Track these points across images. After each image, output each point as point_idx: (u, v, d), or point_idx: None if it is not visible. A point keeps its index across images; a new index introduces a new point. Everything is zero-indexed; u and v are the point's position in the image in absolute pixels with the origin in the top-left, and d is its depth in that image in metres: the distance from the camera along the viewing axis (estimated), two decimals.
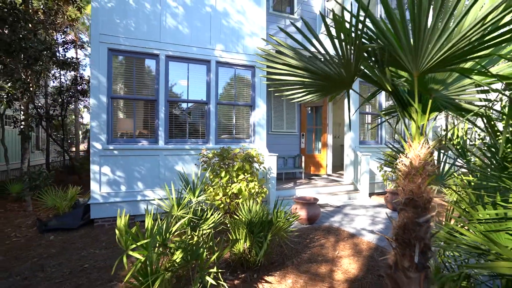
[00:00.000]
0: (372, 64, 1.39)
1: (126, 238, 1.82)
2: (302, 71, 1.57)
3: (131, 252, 1.81)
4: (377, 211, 5.05)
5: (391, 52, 1.18)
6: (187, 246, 2.00)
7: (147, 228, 1.95)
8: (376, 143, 7.07)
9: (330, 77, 1.50)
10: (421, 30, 1.00)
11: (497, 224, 1.28)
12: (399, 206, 1.37)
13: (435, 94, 1.29)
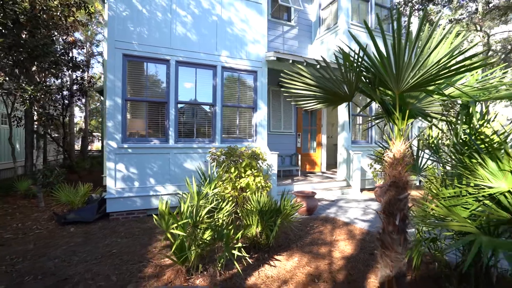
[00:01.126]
0: (367, 84, 1.84)
1: (168, 219, 2.22)
2: (315, 88, 2.01)
3: (172, 230, 2.22)
4: (368, 204, 5.58)
5: (380, 78, 1.64)
6: (215, 227, 2.43)
7: (183, 211, 2.36)
8: (366, 143, 7.62)
9: (336, 93, 1.96)
10: (400, 65, 1.46)
11: (455, 200, 1.76)
12: (385, 187, 1.84)
13: (411, 107, 1.76)
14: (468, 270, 2.07)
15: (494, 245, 1.48)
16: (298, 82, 2.04)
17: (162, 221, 2.31)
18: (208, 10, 5.43)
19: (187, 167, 5.20)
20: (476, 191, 1.71)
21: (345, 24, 7.08)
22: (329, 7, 7.96)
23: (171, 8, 5.11)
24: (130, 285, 2.45)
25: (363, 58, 1.68)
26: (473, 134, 1.89)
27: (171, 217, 2.26)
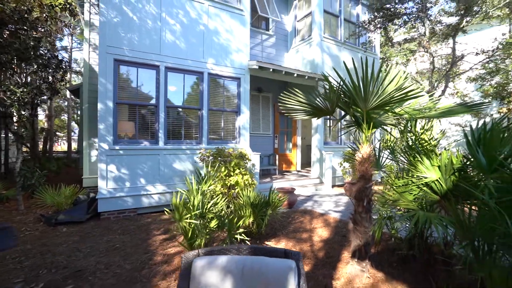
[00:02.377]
0: (343, 103, 2.45)
1: (182, 210, 2.63)
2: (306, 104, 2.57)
3: (187, 220, 2.63)
4: (339, 198, 6.37)
5: (353, 99, 2.25)
6: (219, 217, 2.88)
7: (194, 204, 2.78)
8: (337, 144, 8.50)
9: (321, 109, 2.54)
10: (367, 92, 2.07)
11: (404, 188, 2.44)
12: (355, 180, 2.46)
13: (374, 120, 2.41)
14: (414, 241, 2.79)
15: (427, 217, 2.16)
16: (292, 100, 2.58)
17: (176, 213, 2.70)
18: (195, 20, 5.79)
19: (176, 168, 5.51)
20: (417, 181, 2.40)
21: (318, 37, 7.85)
22: (303, 20, 8.71)
23: (161, 16, 5.38)
24: (145, 270, 2.80)
25: (342, 86, 2.27)
26: (416, 140, 2.61)
27: (185, 209, 2.67)
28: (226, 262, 1.32)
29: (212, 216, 2.88)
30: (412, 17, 6.88)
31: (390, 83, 2.03)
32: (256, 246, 1.44)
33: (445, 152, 2.25)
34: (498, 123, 2.01)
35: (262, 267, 1.28)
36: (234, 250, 1.43)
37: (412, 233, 2.72)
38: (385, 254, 2.98)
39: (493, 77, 8.55)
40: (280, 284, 1.23)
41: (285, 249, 1.39)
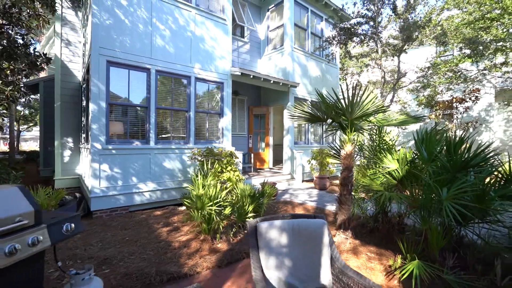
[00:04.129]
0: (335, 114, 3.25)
1: (203, 199, 3.13)
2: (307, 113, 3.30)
3: (208, 208, 3.14)
4: (310, 191, 7.33)
5: (343, 110, 3.06)
6: (232, 205, 3.44)
7: (211, 195, 3.29)
8: (305, 144, 9.53)
9: (319, 117, 3.29)
10: (353, 106, 2.89)
11: (374, 176, 3.35)
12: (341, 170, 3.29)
13: (356, 126, 3.26)
14: (378, 216, 3.74)
15: (390, 195, 3.07)
16: (298, 110, 3.29)
17: (198, 202, 3.18)
18: (183, 27, 6.13)
19: (166, 166, 5.80)
20: (383, 170, 3.32)
21: (289, 48, 8.76)
22: (275, 30, 9.55)
23: (152, 21, 5.61)
24: (168, 254, 3.22)
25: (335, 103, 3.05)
26: (381, 141, 3.56)
27: (206, 199, 3.17)
28: (281, 223, 1.95)
29: (227, 204, 3.42)
30: (367, 37, 8.23)
31: (368, 101, 2.89)
32: (294, 214, 2.10)
33: (402, 149, 3.21)
34: (433, 129, 3.02)
35: (305, 224, 1.95)
36: (280, 217, 2.07)
37: (378, 210, 3.68)
38: (358, 228, 3.89)
39: (425, 89, 10.56)
40: (319, 232, 1.92)
41: (313, 214, 2.08)
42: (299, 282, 1.83)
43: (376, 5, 7.64)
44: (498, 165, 2.69)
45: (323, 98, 3.11)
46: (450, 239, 2.77)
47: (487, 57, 8.26)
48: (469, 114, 12.17)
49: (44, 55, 4.71)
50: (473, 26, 7.59)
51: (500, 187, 2.59)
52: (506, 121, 13.11)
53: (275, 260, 1.86)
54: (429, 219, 2.71)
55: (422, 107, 11.79)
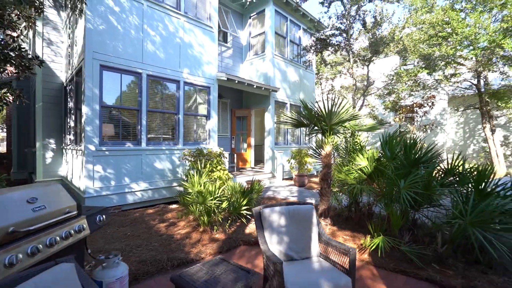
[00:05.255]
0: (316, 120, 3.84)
1: (205, 194, 3.56)
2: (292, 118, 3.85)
3: (208, 201, 3.57)
4: (290, 188, 7.97)
5: (324, 118, 3.66)
6: (228, 199, 3.90)
7: (212, 190, 3.72)
8: (285, 144, 10.19)
9: (303, 122, 3.86)
10: (331, 114, 3.50)
11: (348, 172, 4.01)
12: (321, 168, 3.90)
13: (333, 130, 3.89)
14: (351, 207, 4.42)
15: (361, 188, 3.74)
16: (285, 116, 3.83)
17: (200, 197, 3.59)
18: (173, 33, 6.42)
19: (157, 166, 6.06)
20: (355, 167, 3.99)
21: (270, 54, 9.35)
22: (257, 37, 10.09)
23: (143, 28, 5.85)
24: (173, 245, 3.59)
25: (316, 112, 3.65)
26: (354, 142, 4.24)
27: (207, 194, 3.59)
28: (279, 209, 2.48)
29: (224, 199, 3.87)
30: (341, 47, 9.09)
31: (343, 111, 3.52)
32: (288, 201, 2.64)
33: (371, 150, 3.90)
34: (395, 133, 3.74)
35: (298, 209, 2.50)
36: (278, 204, 2.59)
37: (351, 201, 4.36)
38: (335, 217, 4.55)
39: (390, 95, 11.78)
40: (309, 215, 2.47)
41: (304, 201, 2.64)
42: (295, 253, 2.36)
43: (348, 20, 8.51)
44: (440, 162, 3.46)
45: (307, 107, 3.70)
46: (407, 221, 3.49)
47: (439, 69, 9.54)
48: (427, 117, 13.69)
49: (37, 57, 4.79)
50: (428, 43, 8.77)
51: (441, 178, 3.35)
52: (457, 124, 14.95)
53: (276, 237, 2.38)
54: (391, 205, 3.40)
55: (388, 111, 13.08)
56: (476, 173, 3.15)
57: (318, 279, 1.97)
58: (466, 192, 3.17)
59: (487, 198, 2.86)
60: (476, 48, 8.61)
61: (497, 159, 10.55)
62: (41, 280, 1.21)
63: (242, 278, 1.76)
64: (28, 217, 1.70)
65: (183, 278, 1.76)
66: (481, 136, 13.50)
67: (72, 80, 6.29)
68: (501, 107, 10.74)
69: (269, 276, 2.17)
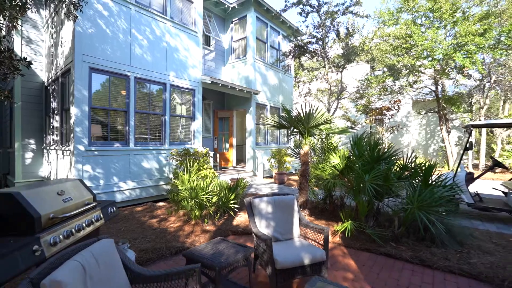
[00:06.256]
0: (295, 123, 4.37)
1: (198, 190, 3.95)
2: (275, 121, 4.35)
3: (200, 196, 3.96)
4: (271, 185, 8.51)
5: (302, 121, 4.20)
6: (218, 194, 4.31)
7: (203, 186, 4.11)
8: (265, 144, 10.72)
9: (284, 125, 4.37)
10: (309, 118, 4.05)
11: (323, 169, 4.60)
12: (300, 165, 4.45)
13: (311, 132, 4.44)
14: (326, 200, 5.03)
15: (334, 182, 4.34)
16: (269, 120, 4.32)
17: (193, 192, 3.96)
18: (160, 37, 6.67)
19: (145, 166, 6.29)
20: (329, 164, 4.59)
21: (252, 59, 9.83)
22: (239, 41, 10.52)
23: (131, 32, 6.05)
24: (168, 236, 3.93)
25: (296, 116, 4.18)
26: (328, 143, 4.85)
27: (200, 190, 3.97)
28: (267, 199, 2.96)
29: (214, 194, 4.27)
30: (317, 54, 9.81)
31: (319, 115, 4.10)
32: (274, 192, 3.13)
33: (342, 150, 4.52)
34: (362, 135, 4.39)
35: (282, 198, 2.99)
36: (265, 195, 3.07)
37: (326, 195, 4.96)
38: (312, 209, 5.13)
39: (361, 99, 12.79)
40: (291, 203, 2.97)
41: (287, 192, 3.15)
42: (280, 235, 2.86)
43: (324, 29, 9.24)
44: (398, 158, 4.16)
45: (288, 112, 4.22)
46: (371, 209, 4.14)
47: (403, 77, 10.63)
48: (394, 119, 14.98)
49: (24, 59, 4.84)
50: (393, 53, 9.77)
51: (397, 172, 4.05)
52: (420, 125, 16.48)
53: (265, 222, 2.86)
54: (358, 196, 4.02)
55: (360, 113, 14.15)
56: (424, 168, 3.87)
57: (300, 253, 2.48)
58: (416, 184, 3.87)
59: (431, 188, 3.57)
60: (434, 59, 9.75)
61: (451, 157, 11.93)
62: (92, 250, 1.57)
63: (241, 251, 2.21)
64: (61, 206, 2.03)
65: (193, 253, 2.17)
66: (440, 136, 15.05)
67: (56, 80, 6.30)
68: (454, 111, 12.15)
69: (259, 254, 2.64)
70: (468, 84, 12.68)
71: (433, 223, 3.37)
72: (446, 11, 9.03)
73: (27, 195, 1.82)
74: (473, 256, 3.20)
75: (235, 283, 2.33)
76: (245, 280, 2.75)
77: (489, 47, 8.57)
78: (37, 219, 1.76)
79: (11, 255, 1.49)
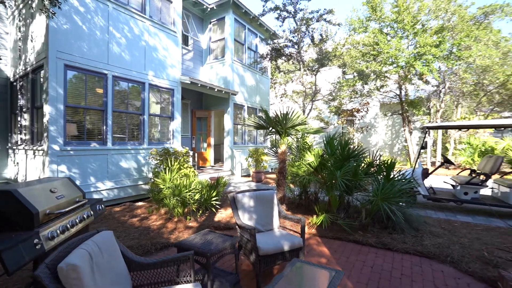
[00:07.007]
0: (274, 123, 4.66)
1: (181, 186, 4.09)
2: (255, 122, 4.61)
3: (184, 193, 4.11)
4: (249, 184, 8.77)
5: (280, 122, 4.51)
6: (200, 191, 4.47)
7: (186, 184, 4.25)
8: (242, 144, 10.96)
9: (264, 126, 4.65)
10: (286, 120, 4.37)
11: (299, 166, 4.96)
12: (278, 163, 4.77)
13: (287, 132, 4.77)
14: (302, 195, 5.41)
15: (309, 179, 4.71)
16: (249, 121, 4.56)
17: (176, 190, 4.09)
18: (138, 36, 6.62)
19: (123, 166, 6.22)
20: (305, 162, 4.96)
21: (230, 60, 10.02)
22: (217, 42, 10.64)
23: (108, 29, 5.95)
24: (152, 233, 4.03)
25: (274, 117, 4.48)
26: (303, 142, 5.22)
27: (183, 187, 4.11)
28: (249, 194, 3.21)
29: (196, 192, 4.42)
30: (293, 58, 10.27)
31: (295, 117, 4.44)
32: (257, 188, 3.39)
33: (317, 149, 4.91)
34: (334, 135, 4.81)
35: (263, 193, 3.27)
36: (247, 191, 3.32)
37: (301, 190, 5.33)
38: (289, 204, 5.48)
39: (334, 101, 13.55)
40: (271, 197, 3.26)
41: (268, 187, 3.43)
42: (262, 226, 3.13)
43: (300, 34, 9.71)
44: (365, 156, 4.65)
45: (267, 113, 4.51)
46: (342, 202, 4.58)
47: (371, 81, 11.50)
48: (364, 120, 16.01)
49: None
50: (363, 59, 10.55)
51: (365, 168, 4.53)
52: (386, 126, 17.77)
53: (247, 215, 3.11)
54: (331, 191, 4.43)
55: (333, 114, 14.95)
56: (387, 165, 4.37)
57: (280, 241, 2.77)
58: (380, 178, 4.37)
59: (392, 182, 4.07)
60: (398, 66, 10.68)
61: (413, 155, 13.10)
62: (95, 240, 1.71)
63: (228, 240, 2.44)
64: (56, 203, 2.11)
65: (184, 243, 2.35)
66: (403, 136, 16.38)
67: (25, 76, 6.00)
68: (416, 114, 13.35)
69: (243, 244, 2.89)
70: (427, 89, 14.00)
71: (394, 213, 3.85)
72: (408, 22, 9.95)
73: (24, 192, 1.89)
74: (425, 239, 3.73)
75: (223, 270, 2.55)
76: (231, 268, 2.98)
77: (443, 57, 9.61)
78: (36, 214, 1.85)
79: (17, 247, 1.59)
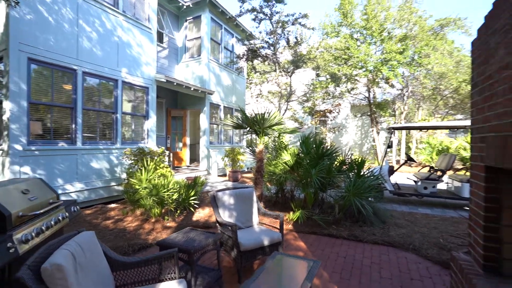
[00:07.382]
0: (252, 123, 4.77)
1: (159, 186, 4.04)
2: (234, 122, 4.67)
3: (162, 193, 4.07)
4: (225, 183, 8.80)
5: (257, 122, 4.63)
6: (179, 191, 4.44)
7: (164, 184, 4.20)
8: (219, 143, 10.95)
9: (242, 125, 4.73)
10: (264, 120, 4.51)
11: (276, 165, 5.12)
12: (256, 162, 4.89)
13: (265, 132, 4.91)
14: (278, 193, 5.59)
15: (286, 177, 4.90)
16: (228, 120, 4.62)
17: (154, 189, 4.02)
18: (111, 31, 6.34)
19: (94, 166, 5.93)
20: (281, 161, 5.14)
21: (206, 59, 9.96)
22: (193, 41, 10.51)
23: (78, 22, 5.64)
24: (130, 234, 3.93)
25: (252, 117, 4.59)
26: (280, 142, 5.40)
27: (161, 187, 4.05)
28: (229, 192, 3.29)
29: (175, 191, 4.38)
30: (268, 59, 10.48)
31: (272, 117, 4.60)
32: (236, 186, 3.48)
33: (292, 148, 5.12)
34: (309, 134, 5.05)
35: (243, 191, 3.36)
36: (227, 189, 3.39)
37: (278, 189, 5.51)
38: (266, 202, 5.63)
39: (308, 102, 14.03)
40: (250, 195, 3.36)
41: (247, 185, 3.54)
42: (242, 223, 3.22)
43: (275, 36, 9.93)
44: (338, 155, 4.95)
45: (245, 114, 4.61)
46: (317, 199, 4.82)
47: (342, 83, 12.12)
48: (335, 121, 16.77)
49: None
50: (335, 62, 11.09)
51: (337, 166, 4.82)
52: (356, 127, 18.76)
53: (228, 212, 3.19)
54: (306, 188, 4.65)
55: (307, 115, 15.47)
56: (357, 163, 4.70)
57: (260, 236, 2.88)
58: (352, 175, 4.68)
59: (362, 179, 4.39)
60: (367, 70, 11.38)
61: (380, 154, 14.01)
62: (77, 241, 1.69)
63: (211, 237, 2.49)
64: (29, 205, 2.03)
65: (167, 241, 2.36)
66: (372, 136, 17.42)
67: None
68: (382, 115, 14.28)
69: (224, 241, 2.96)
70: (392, 93, 15.04)
71: (364, 207, 4.16)
72: (376, 30, 10.65)
73: None
74: (391, 230, 4.08)
75: (205, 267, 2.60)
76: (212, 265, 3.04)
77: (407, 64, 10.44)
78: (8, 217, 1.76)
79: None
